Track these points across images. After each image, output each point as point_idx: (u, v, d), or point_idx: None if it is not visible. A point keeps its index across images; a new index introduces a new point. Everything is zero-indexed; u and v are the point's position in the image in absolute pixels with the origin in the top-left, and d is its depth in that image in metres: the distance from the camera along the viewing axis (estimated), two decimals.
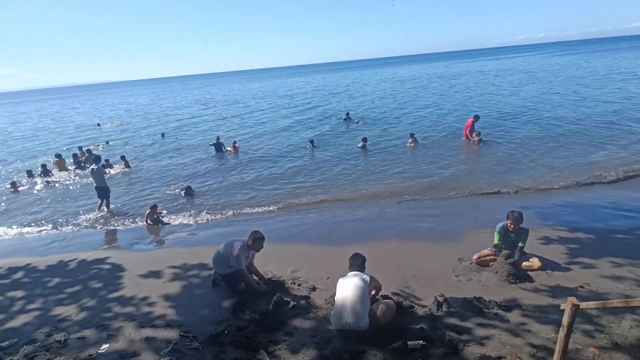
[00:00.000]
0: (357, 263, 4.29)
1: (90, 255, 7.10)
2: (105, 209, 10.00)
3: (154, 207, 9.04)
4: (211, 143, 15.95)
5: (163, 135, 21.03)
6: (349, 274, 4.23)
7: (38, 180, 13.57)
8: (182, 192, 10.76)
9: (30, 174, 14.02)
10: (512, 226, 5.41)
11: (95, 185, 9.96)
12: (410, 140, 13.81)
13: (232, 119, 26.23)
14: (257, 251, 5.30)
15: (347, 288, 4.03)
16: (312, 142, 15.01)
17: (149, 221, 8.86)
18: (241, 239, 5.28)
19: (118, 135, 23.14)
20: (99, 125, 28.42)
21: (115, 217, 9.62)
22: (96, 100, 70.24)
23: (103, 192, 9.93)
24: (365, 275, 4.15)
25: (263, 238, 5.20)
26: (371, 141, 15.06)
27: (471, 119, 13.62)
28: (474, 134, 13.35)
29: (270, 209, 9.14)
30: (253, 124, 22.95)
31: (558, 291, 4.74)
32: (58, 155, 15.30)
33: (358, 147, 14.21)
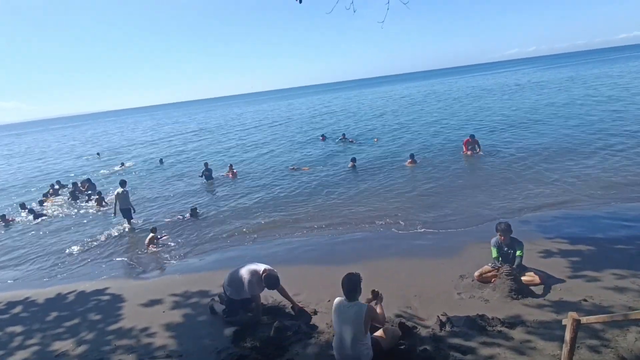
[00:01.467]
0: (352, 288, 3.77)
1: (89, 286, 7.05)
2: (128, 227, 10.70)
3: (153, 230, 9.11)
4: (200, 174, 15.42)
5: (161, 161, 21.28)
6: (344, 302, 3.80)
7: (30, 213, 13.24)
8: (188, 215, 10.87)
9: (23, 207, 13.79)
10: (502, 238, 5.42)
11: (120, 207, 10.68)
12: (409, 161, 13.85)
13: (229, 143, 26.48)
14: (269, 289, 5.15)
15: (344, 322, 3.72)
16: (293, 167, 15.41)
17: (150, 247, 8.86)
18: (257, 264, 5.18)
19: (116, 162, 23.27)
20: (98, 154, 28.66)
21: (118, 244, 9.59)
22: (96, 129, 71.06)
23: (128, 213, 10.77)
24: (362, 308, 3.70)
25: (276, 283, 5.02)
26: (366, 160, 15.23)
27: (467, 138, 14.50)
28: (475, 147, 14.24)
29: (271, 232, 9.10)
30: (250, 148, 23.09)
31: (561, 306, 4.69)
32: (54, 191, 15.33)
33: (348, 168, 14.35)
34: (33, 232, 11.50)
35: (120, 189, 10.71)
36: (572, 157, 12.35)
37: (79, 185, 15.94)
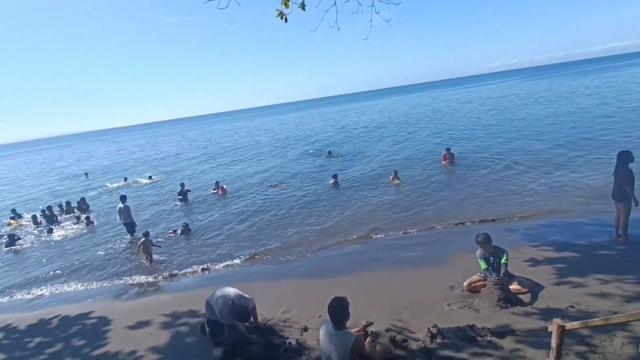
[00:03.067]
0: (338, 313, 3.47)
1: (73, 310, 6.85)
2: (130, 237, 11.12)
3: (146, 235, 9.11)
4: (179, 195, 15.07)
5: (150, 177, 21.42)
6: (330, 329, 3.55)
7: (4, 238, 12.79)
8: (180, 231, 10.80)
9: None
10: (483, 249, 5.49)
11: (123, 221, 11.09)
12: (392, 176, 13.92)
13: (218, 160, 26.41)
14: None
15: (330, 351, 3.50)
16: (271, 185, 15.67)
17: (143, 251, 8.92)
18: (227, 291, 5.00)
19: (99, 183, 22.92)
20: (86, 174, 28.22)
21: (104, 265, 9.37)
22: (84, 149, 70.10)
23: (131, 227, 11.20)
24: (349, 340, 3.43)
25: (245, 316, 4.93)
26: (351, 175, 15.46)
27: (445, 152, 15.61)
28: (453, 160, 15.28)
29: (260, 249, 9.02)
30: (236, 164, 23.09)
31: (549, 313, 4.74)
32: (14, 216, 15.03)
33: (329, 184, 14.37)
34: (14, 257, 11.18)
35: (121, 204, 11.05)
36: (553, 166, 12.69)
37: (71, 205, 15.71)
